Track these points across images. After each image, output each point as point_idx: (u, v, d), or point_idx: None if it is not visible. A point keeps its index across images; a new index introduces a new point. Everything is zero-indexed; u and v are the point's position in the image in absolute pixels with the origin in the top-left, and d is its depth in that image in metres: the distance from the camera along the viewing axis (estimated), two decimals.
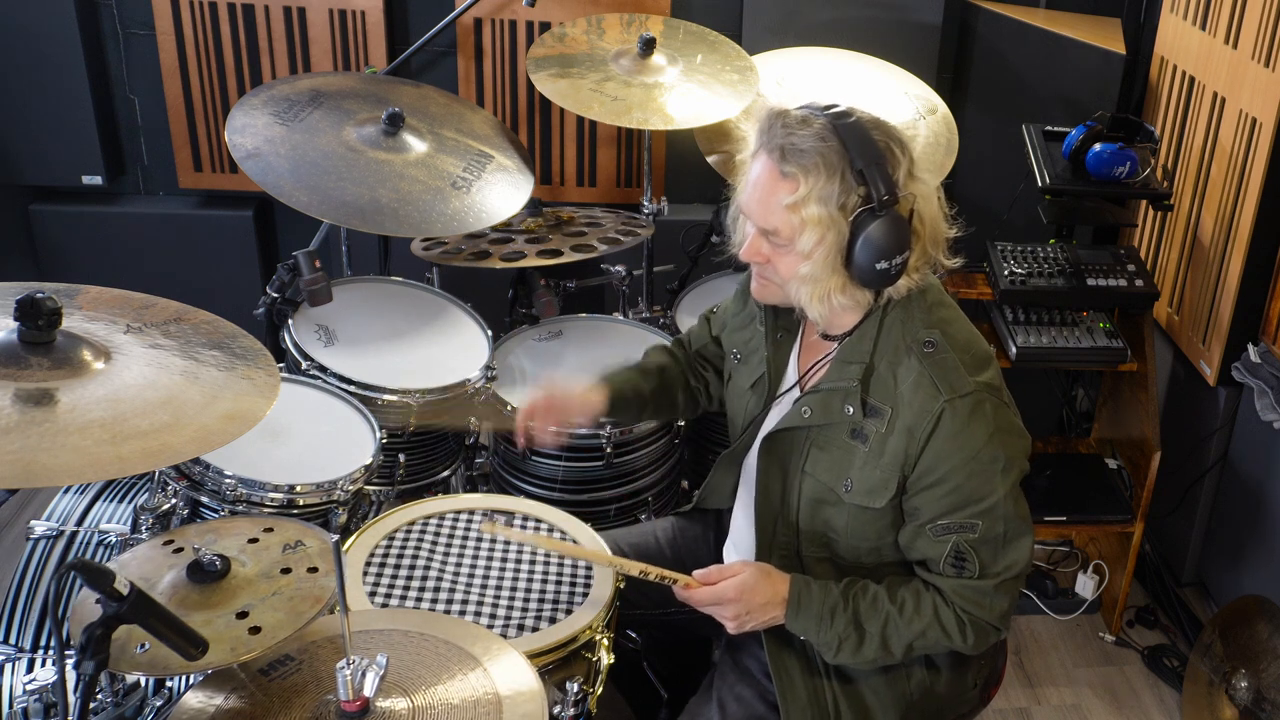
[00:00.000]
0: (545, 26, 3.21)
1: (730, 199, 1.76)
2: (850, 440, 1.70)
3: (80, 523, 2.07)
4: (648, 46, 2.78)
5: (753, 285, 1.79)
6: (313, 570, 1.63)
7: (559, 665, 1.72)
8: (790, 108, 1.66)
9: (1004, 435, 1.66)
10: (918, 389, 1.65)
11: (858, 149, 1.60)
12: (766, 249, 1.69)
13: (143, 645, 1.45)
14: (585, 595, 1.80)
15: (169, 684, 1.79)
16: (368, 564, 1.82)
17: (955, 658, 1.83)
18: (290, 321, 2.43)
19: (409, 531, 1.90)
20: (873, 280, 1.63)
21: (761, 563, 1.77)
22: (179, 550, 1.64)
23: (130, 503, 2.12)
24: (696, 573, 1.75)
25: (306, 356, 2.34)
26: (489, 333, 2.57)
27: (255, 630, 1.50)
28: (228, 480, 1.98)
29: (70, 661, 1.37)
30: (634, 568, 1.74)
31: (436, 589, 1.79)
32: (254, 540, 1.68)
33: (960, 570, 1.68)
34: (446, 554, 1.86)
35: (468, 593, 1.79)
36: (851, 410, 1.69)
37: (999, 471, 1.65)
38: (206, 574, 1.57)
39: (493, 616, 1.75)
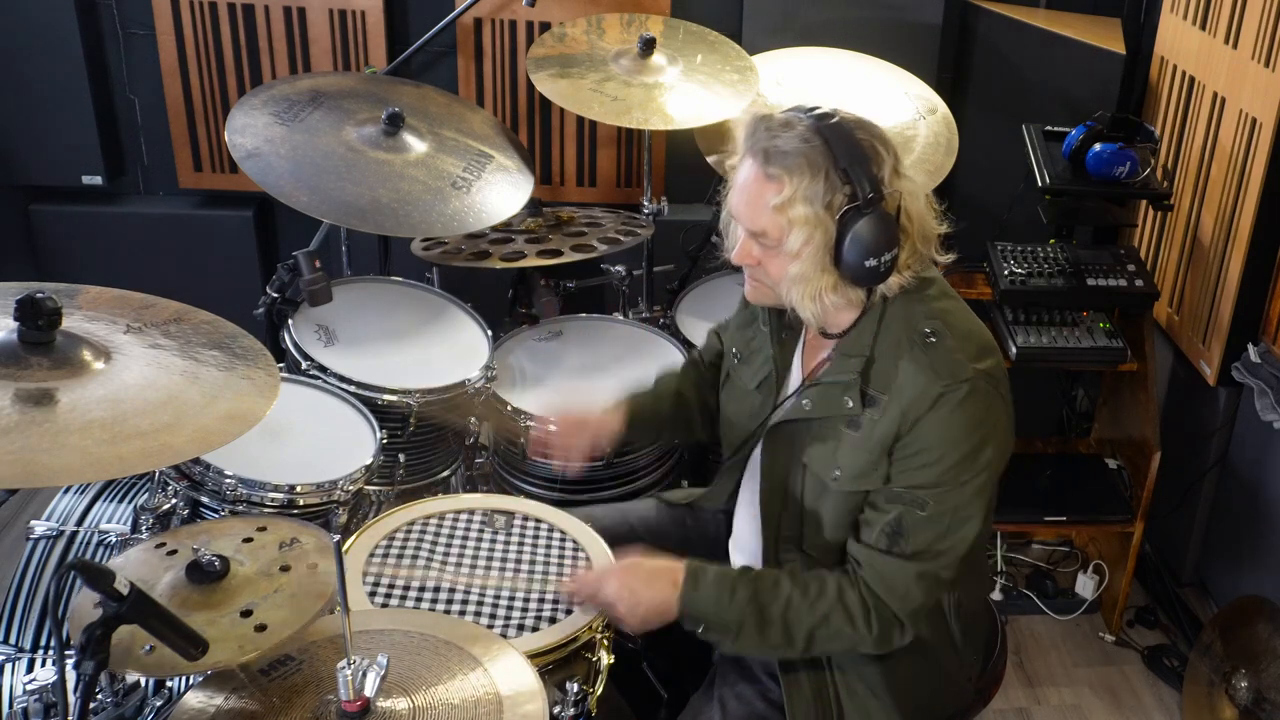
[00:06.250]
0: (545, 26, 3.21)
1: (721, 203, 1.77)
2: (845, 429, 1.71)
3: (80, 523, 2.07)
4: (648, 46, 2.78)
5: (746, 288, 1.80)
6: (313, 567, 1.63)
7: (559, 665, 1.72)
8: (775, 112, 1.66)
9: (989, 428, 1.66)
10: (916, 377, 1.65)
11: (841, 148, 1.60)
12: (757, 251, 1.69)
13: (149, 647, 1.44)
14: None
15: (169, 684, 1.79)
16: (368, 564, 1.82)
17: (956, 651, 1.83)
18: (290, 321, 2.43)
19: (409, 531, 1.90)
20: (863, 278, 1.64)
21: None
22: (173, 552, 1.63)
23: (130, 503, 2.12)
24: (567, 578, 1.81)
25: (306, 356, 2.34)
26: (489, 333, 2.57)
27: (261, 628, 1.50)
28: (228, 480, 1.98)
29: (70, 661, 1.37)
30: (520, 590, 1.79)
31: (436, 589, 1.79)
32: (249, 540, 1.67)
33: (891, 543, 1.67)
34: (446, 554, 1.86)
35: (468, 593, 1.79)
36: (851, 403, 1.69)
37: (969, 460, 1.64)
38: (206, 574, 1.57)
39: (493, 616, 1.75)
